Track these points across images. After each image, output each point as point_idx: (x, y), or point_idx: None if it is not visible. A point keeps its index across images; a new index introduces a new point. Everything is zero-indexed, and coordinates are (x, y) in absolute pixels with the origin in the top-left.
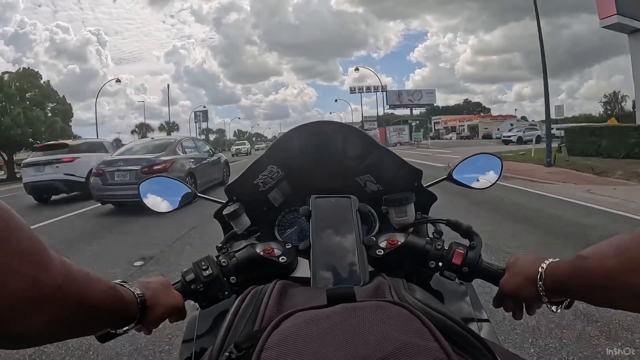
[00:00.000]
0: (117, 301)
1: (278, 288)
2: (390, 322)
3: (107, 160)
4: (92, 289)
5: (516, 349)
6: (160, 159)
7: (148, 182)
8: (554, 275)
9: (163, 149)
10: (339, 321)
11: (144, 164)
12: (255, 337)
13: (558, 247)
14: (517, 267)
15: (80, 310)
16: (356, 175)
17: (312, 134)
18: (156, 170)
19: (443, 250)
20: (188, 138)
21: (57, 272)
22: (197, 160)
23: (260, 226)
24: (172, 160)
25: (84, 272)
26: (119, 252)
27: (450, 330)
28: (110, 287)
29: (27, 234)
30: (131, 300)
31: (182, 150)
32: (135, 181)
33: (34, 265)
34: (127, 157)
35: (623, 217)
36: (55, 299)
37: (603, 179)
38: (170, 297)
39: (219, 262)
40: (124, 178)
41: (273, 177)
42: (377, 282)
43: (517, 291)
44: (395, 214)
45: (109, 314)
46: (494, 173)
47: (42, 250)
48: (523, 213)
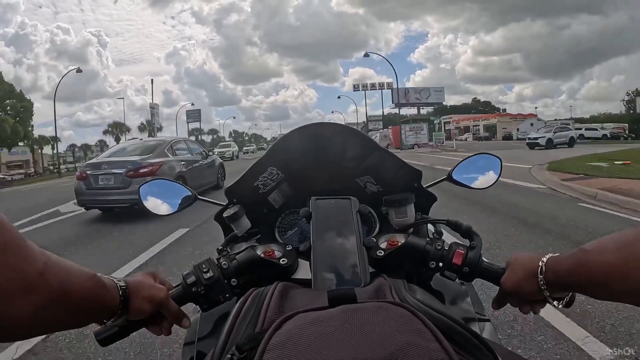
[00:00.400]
0: (100, 288)
1: (279, 290)
2: (391, 323)
3: (91, 163)
4: (74, 276)
5: (516, 348)
6: (147, 162)
7: (148, 185)
8: (554, 269)
9: (151, 151)
10: (340, 322)
11: (129, 167)
12: (256, 338)
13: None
14: (517, 264)
15: (64, 298)
16: (356, 177)
17: (312, 136)
18: (142, 174)
19: (443, 251)
20: (180, 139)
21: (38, 260)
22: (188, 162)
23: (260, 228)
24: (160, 162)
25: (64, 261)
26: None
27: (451, 331)
28: (92, 275)
29: (7, 227)
30: (112, 288)
31: (172, 152)
32: (121, 185)
33: (16, 255)
34: (112, 160)
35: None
36: (39, 285)
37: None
38: (152, 288)
39: (220, 264)
40: (108, 182)
41: (273, 179)
42: (378, 283)
43: (518, 287)
44: (395, 214)
45: (92, 302)
46: (493, 173)
47: (23, 241)
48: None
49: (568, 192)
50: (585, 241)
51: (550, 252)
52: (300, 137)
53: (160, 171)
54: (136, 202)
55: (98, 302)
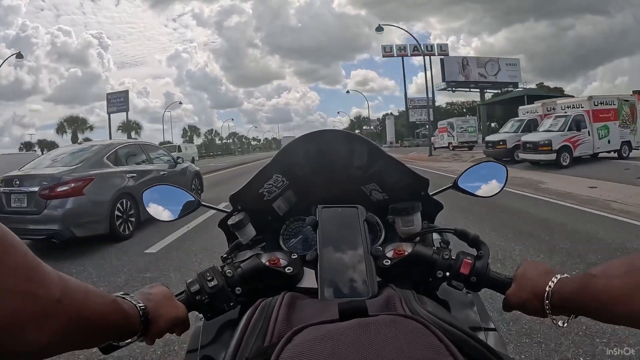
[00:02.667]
0: (119, 314)
1: (287, 301)
2: (405, 337)
3: (5, 177)
4: (92, 302)
5: (521, 355)
6: (71, 176)
7: (150, 191)
8: (561, 293)
9: (82, 160)
10: (353, 337)
11: (43, 184)
12: (266, 352)
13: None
14: (525, 280)
15: (81, 324)
16: (361, 184)
17: (317, 143)
18: (61, 194)
19: (450, 260)
20: (131, 143)
21: (55, 287)
22: (140, 174)
23: (265, 236)
24: (89, 177)
25: (83, 286)
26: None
27: (464, 344)
28: (111, 300)
29: (21, 250)
30: (133, 313)
31: (115, 160)
32: (34, 210)
33: (30, 281)
34: (26, 173)
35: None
36: (55, 313)
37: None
38: (172, 309)
39: (224, 272)
40: (20, 204)
41: (278, 186)
42: (387, 294)
43: (522, 305)
44: (402, 223)
45: (110, 327)
46: (498, 182)
47: (38, 265)
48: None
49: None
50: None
51: (559, 273)
52: (306, 144)
53: (91, 188)
54: (53, 233)
55: (118, 327)
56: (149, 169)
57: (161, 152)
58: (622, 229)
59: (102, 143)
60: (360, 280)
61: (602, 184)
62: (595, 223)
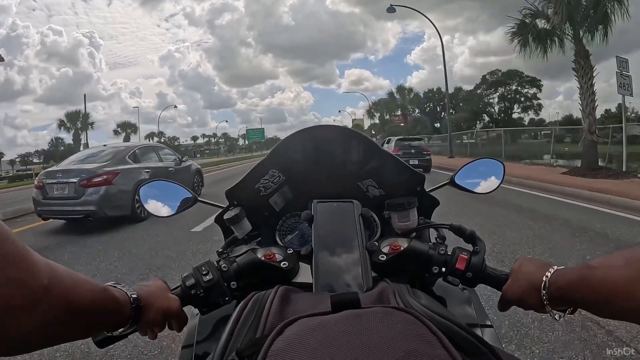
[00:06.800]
0: (110, 301)
1: (280, 294)
2: (396, 328)
3: (48, 171)
4: (81, 289)
5: (517, 352)
6: (103, 170)
7: (148, 187)
8: (558, 284)
9: (109, 158)
10: (344, 328)
11: (82, 176)
12: (257, 344)
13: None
14: (521, 273)
15: (70, 312)
16: (358, 180)
17: (313, 138)
18: (96, 183)
19: (446, 256)
20: (148, 145)
21: (43, 274)
22: (153, 170)
23: (261, 231)
24: (116, 171)
25: (72, 273)
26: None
27: (457, 337)
28: (102, 288)
29: (10, 238)
30: (124, 301)
31: (134, 159)
32: (74, 195)
33: (18, 268)
34: (66, 168)
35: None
36: (43, 301)
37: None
38: (165, 300)
39: (220, 267)
40: (62, 191)
41: (274, 182)
42: (381, 287)
43: (519, 299)
44: (398, 218)
45: (100, 315)
46: (495, 178)
47: (26, 253)
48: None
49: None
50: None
51: (555, 265)
52: (302, 139)
53: (117, 180)
54: (90, 213)
55: (107, 316)
56: (160, 165)
57: (168, 151)
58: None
59: (124, 144)
60: (355, 274)
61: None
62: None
